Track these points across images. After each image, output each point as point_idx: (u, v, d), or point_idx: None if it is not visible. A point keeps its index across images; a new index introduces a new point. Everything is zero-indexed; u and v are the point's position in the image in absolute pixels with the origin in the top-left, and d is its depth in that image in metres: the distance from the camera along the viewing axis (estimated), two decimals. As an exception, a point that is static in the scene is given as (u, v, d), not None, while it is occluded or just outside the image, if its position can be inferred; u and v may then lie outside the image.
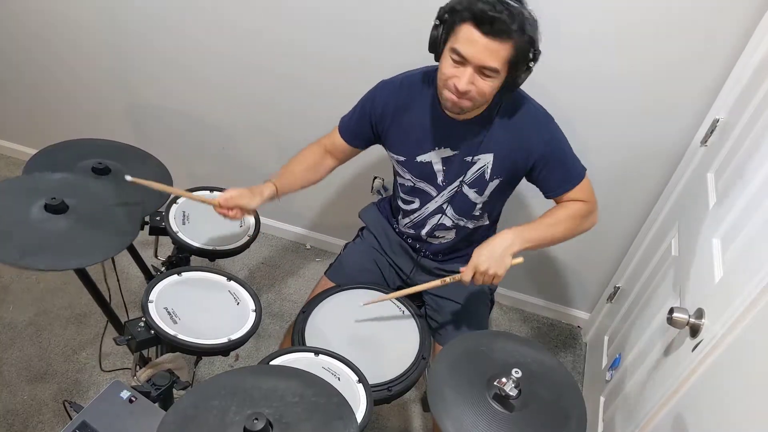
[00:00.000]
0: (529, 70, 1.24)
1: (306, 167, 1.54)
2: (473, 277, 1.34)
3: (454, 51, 1.21)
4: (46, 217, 1.27)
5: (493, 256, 1.32)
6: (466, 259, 1.37)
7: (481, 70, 1.21)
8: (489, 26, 1.15)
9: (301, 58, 2.06)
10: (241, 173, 2.48)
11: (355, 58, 1.99)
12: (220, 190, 1.72)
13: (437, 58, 1.29)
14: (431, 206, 1.53)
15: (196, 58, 2.20)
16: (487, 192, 1.47)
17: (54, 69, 2.47)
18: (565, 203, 1.46)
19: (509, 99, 1.36)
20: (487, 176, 1.44)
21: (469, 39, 1.18)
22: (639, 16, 1.63)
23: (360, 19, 1.90)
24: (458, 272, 1.37)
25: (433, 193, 1.50)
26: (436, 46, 1.26)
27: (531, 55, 1.21)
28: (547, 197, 1.48)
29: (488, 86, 1.24)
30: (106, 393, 1.12)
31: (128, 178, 1.33)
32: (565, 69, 1.77)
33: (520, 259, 1.37)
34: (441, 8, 1.23)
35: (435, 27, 1.25)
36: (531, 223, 1.41)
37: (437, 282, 1.41)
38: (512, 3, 1.16)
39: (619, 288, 2.16)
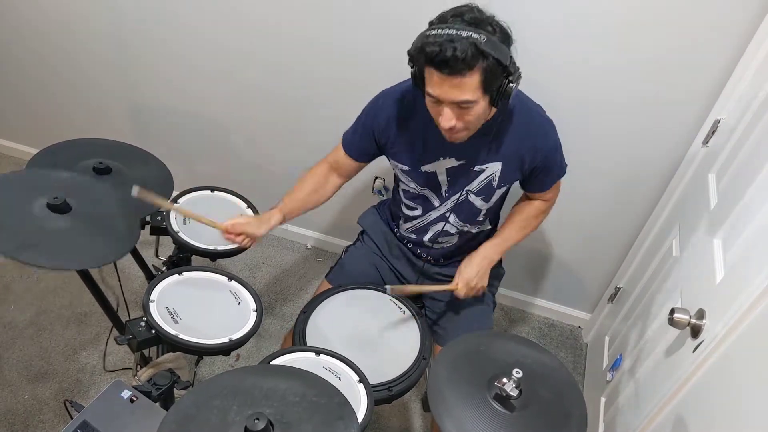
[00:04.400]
0: (512, 82, 1.20)
1: (311, 190, 1.53)
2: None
3: (428, 93, 1.22)
4: (48, 215, 1.27)
5: (480, 273, 1.49)
6: None
7: (457, 105, 1.20)
8: (445, 67, 1.14)
9: (307, 54, 2.05)
10: (242, 173, 2.48)
11: (363, 56, 1.98)
12: (222, 190, 1.72)
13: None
14: (433, 214, 1.53)
15: (197, 57, 2.20)
16: (494, 199, 1.48)
17: (55, 69, 2.47)
18: (534, 202, 1.57)
19: (506, 107, 1.34)
20: (495, 184, 1.44)
21: (433, 81, 1.18)
22: (640, 17, 1.63)
23: (369, 15, 1.89)
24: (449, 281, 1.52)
25: (436, 203, 1.51)
26: (418, 87, 1.26)
27: (504, 72, 1.18)
28: (524, 190, 1.57)
29: (471, 115, 1.23)
30: (107, 392, 1.12)
31: (134, 192, 1.30)
32: (566, 69, 1.77)
33: None
34: (407, 52, 1.22)
35: (411, 69, 1.25)
36: (505, 229, 1.56)
37: (439, 288, 1.54)
38: (464, 33, 1.11)
39: (620, 288, 2.16)
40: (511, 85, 1.20)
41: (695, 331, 1.21)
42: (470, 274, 1.48)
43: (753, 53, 1.56)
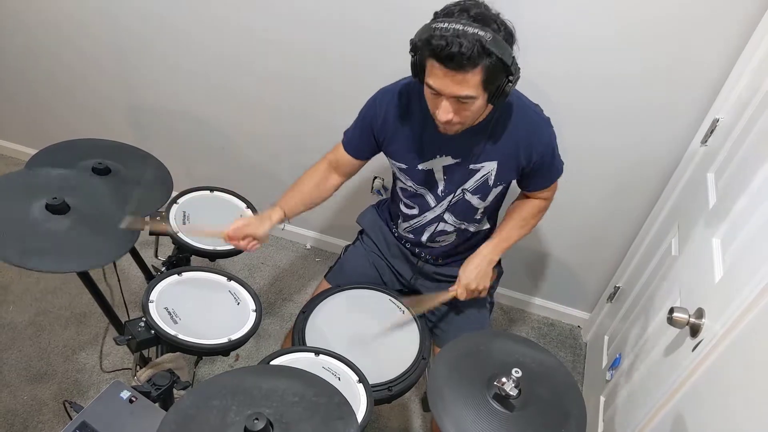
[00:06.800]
0: (511, 81, 1.21)
1: (311, 187, 1.53)
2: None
3: (428, 85, 1.22)
4: (47, 217, 1.27)
5: (480, 274, 1.48)
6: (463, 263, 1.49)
7: (457, 99, 1.20)
8: (450, 62, 1.13)
9: (301, 58, 2.05)
10: (241, 173, 2.48)
11: (357, 60, 1.98)
12: (220, 190, 1.72)
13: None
14: (429, 215, 1.53)
15: (195, 59, 2.20)
16: (490, 197, 1.48)
17: (54, 69, 2.47)
18: (532, 200, 1.56)
19: (502, 105, 1.34)
20: (491, 182, 1.44)
21: (435, 74, 1.18)
22: (639, 17, 1.63)
23: (362, 20, 1.89)
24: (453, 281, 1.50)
25: (432, 203, 1.51)
26: (416, 76, 1.26)
27: (506, 71, 1.18)
28: (521, 189, 1.55)
29: (469, 111, 1.23)
30: (106, 393, 1.12)
31: (123, 225, 1.31)
32: (566, 69, 1.77)
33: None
34: (410, 41, 1.22)
35: (412, 58, 1.24)
36: (504, 228, 1.54)
37: (444, 298, 1.51)
38: (470, 30, 1.11)
39: (619, 288, 2.16)
40: (510, 84, 1.20)
41: (694, 330, 1.21)
42: (469, 277, 1.47)
43: (751, 52, 1.56)
